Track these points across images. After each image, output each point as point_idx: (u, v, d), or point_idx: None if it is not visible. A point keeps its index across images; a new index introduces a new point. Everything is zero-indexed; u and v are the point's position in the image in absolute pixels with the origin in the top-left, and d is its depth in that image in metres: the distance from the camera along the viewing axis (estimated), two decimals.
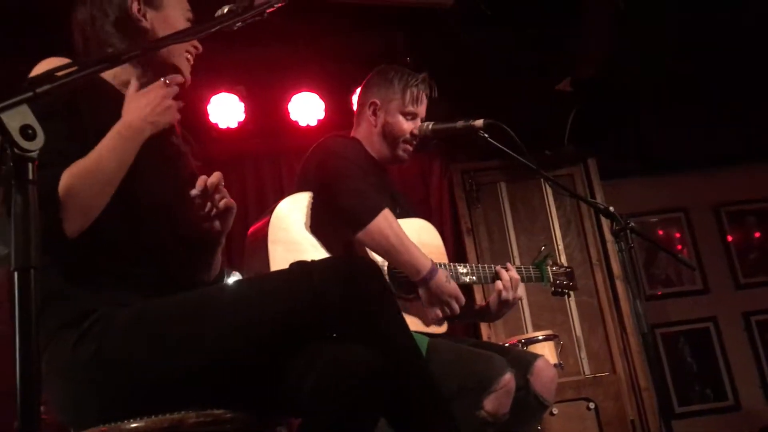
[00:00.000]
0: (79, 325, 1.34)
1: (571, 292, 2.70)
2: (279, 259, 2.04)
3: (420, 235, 2.34)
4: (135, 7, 1.61)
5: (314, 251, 2.11)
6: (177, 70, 1.64)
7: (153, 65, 1.62)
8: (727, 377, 4.95)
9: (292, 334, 1.35)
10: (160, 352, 1.32)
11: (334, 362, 1.28)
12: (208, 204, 1.51)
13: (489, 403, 1.94)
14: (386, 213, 2.11)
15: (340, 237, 2.18)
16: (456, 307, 2.18)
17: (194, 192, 1.49)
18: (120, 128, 1.41)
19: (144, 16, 1.62)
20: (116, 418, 1.30)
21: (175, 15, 1.67)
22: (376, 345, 1.32)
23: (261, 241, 2.09)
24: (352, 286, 1.34)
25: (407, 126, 2.38)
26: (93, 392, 1.33)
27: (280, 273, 1.44)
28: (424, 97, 2.43)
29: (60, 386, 1.38)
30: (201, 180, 1.49)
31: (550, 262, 2.62)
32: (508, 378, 1.97)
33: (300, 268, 1.39)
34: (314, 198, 2.18)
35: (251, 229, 2.21)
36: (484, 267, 2.43)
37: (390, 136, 2.39)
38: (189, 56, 1.69)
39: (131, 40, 1.59)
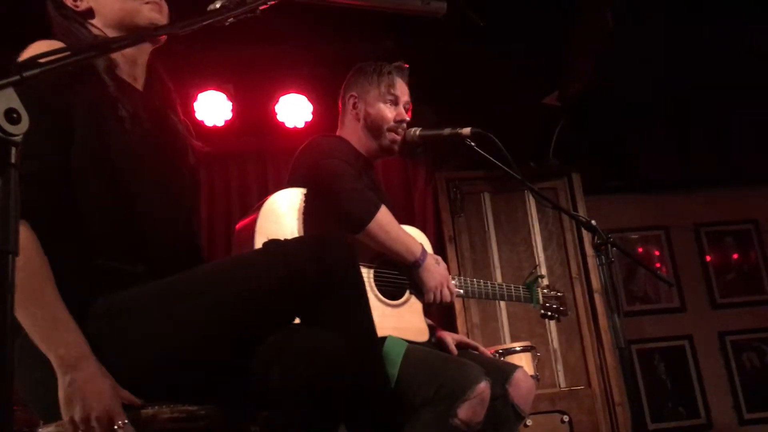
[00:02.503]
0: None
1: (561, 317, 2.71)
2: None
3: None
4: None
5: None
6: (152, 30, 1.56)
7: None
8: (700, 395, 4.99)
9: (267, 313, 1.33)
10: (130, 343, 1.30)
11: (300, 351, 1.26)
12: None
13: (463, 411, 1.92)
14: (383, 210, 2.16)
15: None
16: (447, 292, 2.25)
17: None
18: (56, 352, 1.27)
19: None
20: None
21: None
22: (343, 330, 1.32)
23: (249, 233, 2.08)
24: (326, 261, 1.34)
25: (389, 113, 2.39)
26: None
27: (255, 251, 1.42)
28: (401, 82, 2.44)
29: (30, 375, 1.35)
30: None
31: (541, 284, 2.62)
32: (483, 386, 1.96)
33: (274, 244, 1.39)
34: (308, 196, 2.19)
35: (239, 225, 2.20)
36: (472, 281, 2.44)
37: (374, 126, 2.39)
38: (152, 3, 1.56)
39: (78, 23, 1.53)
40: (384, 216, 2.15)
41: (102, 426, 1.22)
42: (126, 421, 1.23)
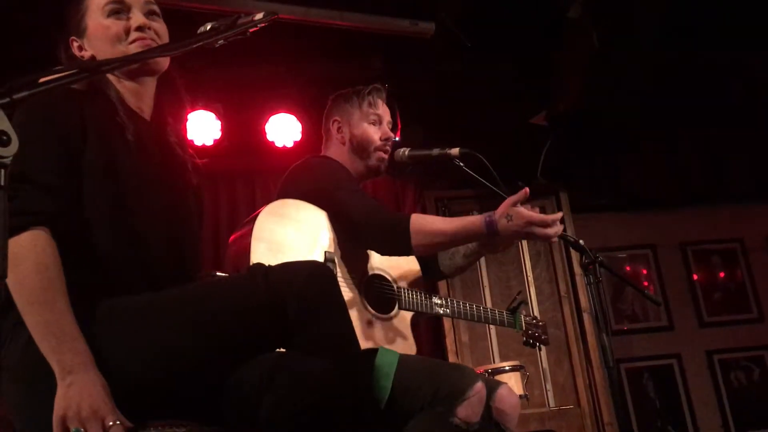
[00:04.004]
0: None
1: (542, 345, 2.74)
2: (260, 257, 2.02)
3: (398, 260, 2.37)
4: (75, 45, 1.63)
5: (296, 255, 2.11)
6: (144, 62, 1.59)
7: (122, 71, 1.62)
8: (689, 414, 5.00)
9: (248, 336, 1.37)
10: (113, 358, 1.31)
11: (292, 379, 1.28)
12: None
13: (462, 411, 1.96)
14: (414, 221, 2.11)
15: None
16: (545, 234, 2.08)
17: None
18: (60, 358, 1.27)
19: (81, 49, 1.63)
20: None
21: (96, 29, 1.61)
22: (327, 352, 1.34)
23: (245, 239, 2.07)
24: (306, 285, 1.37)
25: (374, 133, 2.41)
26: (41, 396, 1.29)
27: (240, 274, 1.46)
28: (382, 102, 2.48)
29: (9, 386, 1.35)
30: None
31: (524, 311, 2.66)
32: (480, 386, 2.01)
33: (258, 268, 1.42)
34: (330, 217, 2.22)
35: (233, 236, 2.20)
36: (458, 302, 2.47)
37: (360, 147, 2.41)
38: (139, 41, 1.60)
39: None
40: (420, 230, 2.10)
41: (94, 424, 1.23)
42: (118, 421, 1.24)
